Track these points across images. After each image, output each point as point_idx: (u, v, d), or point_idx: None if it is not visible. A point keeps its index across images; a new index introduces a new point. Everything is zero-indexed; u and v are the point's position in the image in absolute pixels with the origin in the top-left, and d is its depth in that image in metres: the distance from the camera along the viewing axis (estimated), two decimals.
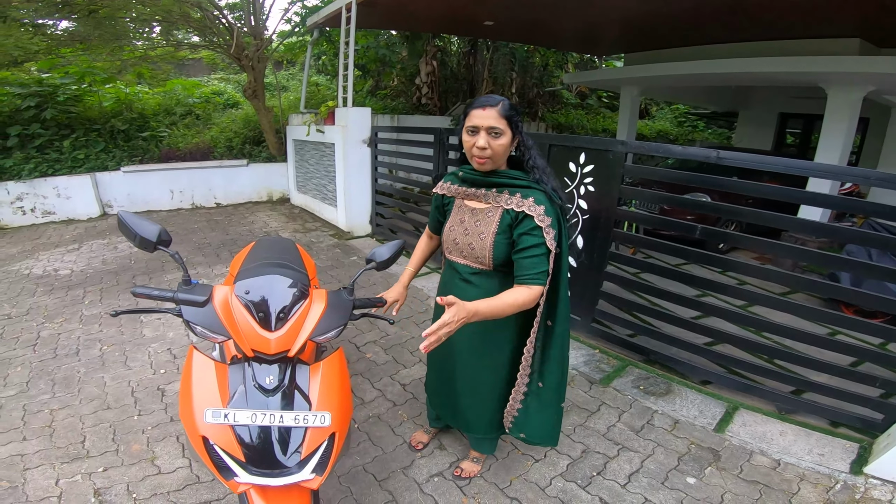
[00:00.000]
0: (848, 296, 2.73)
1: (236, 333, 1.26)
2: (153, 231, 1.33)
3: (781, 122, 8.97)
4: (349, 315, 1.42)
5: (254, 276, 1.34)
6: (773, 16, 4.92)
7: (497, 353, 1.71)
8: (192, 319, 1.27)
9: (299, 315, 1.30)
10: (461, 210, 1.63)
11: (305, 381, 1.30)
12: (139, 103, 7.76)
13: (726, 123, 13.17)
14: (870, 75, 4.62)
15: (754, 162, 2.44)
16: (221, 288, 1.34)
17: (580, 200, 3.08)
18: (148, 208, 6.94)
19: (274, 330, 1.26)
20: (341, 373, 1.37)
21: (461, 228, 1.60)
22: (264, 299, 1.28)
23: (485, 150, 1.45)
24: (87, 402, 2.47)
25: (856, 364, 2.86)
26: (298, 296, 1.33)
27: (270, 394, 1.24)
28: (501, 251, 1.52)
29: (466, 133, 1.49)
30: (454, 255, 1.66)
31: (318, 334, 1.33)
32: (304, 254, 2.33)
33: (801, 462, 2.17)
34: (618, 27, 6.52)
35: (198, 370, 1.26)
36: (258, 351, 1.26)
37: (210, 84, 10.20)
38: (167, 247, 1.36)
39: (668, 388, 2.75)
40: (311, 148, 6.49)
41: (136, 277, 4.27)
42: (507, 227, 1.52)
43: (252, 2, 6.98)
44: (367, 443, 2.23)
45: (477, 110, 1.45)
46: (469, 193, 1.61)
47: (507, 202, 1.52)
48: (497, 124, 1.43)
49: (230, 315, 1.27)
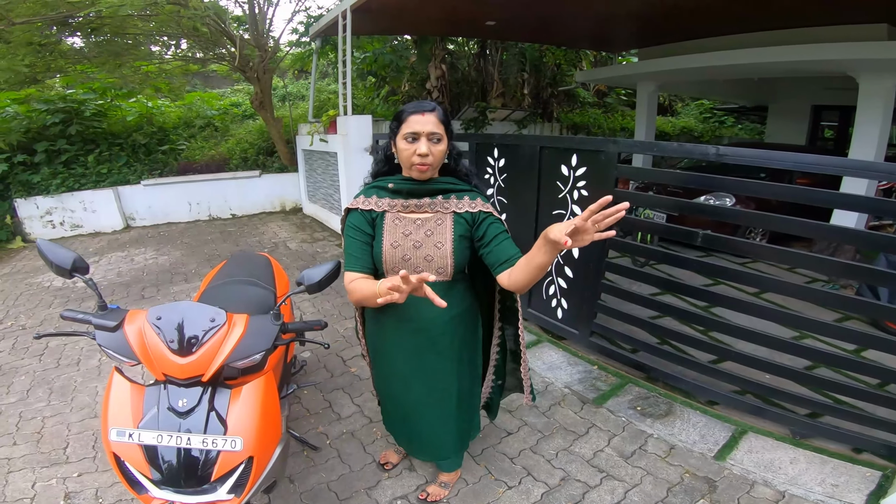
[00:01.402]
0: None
1: (146, 358, 1.28)
2: (67, 259, 1.34)
3: (815, 114, 8.38)
4: (273, 340, 1.38)
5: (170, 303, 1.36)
6: (796, 1, 4.56)
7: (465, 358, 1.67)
8: (103, 343, 1.30)
9: (214, 340, 1.29)
10: (400, 223, 1.50)
11: (224, 405, 1.30)
12: (160, 117, 8.03)
13: (759, 118, 12.50)
14: None
15: (757, 158, 2.20)
16: (136, 313, 1.36)
17: (574, 206, 2.90)
18: (168, 220, 7.16)
19: (186, 355, 1.26)
20: (265, 397, 1.35)
21: (408, 242, 1.48)
22: (178, 325, 1.29)
23: (427, 156, 1.38)
24: (77, 410, 2.56)
25: (882, 385, 2.55)
26: (214, 322, 1.32)
27: (184, 416, 1.25)
28: (462, 255, 1.48)
29: (403, 140, 1.40)
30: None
31: (236, 359, 1.32)
32: (279, 270, 2.35)
33: (810, 494, 1.93)
34: (628, 21, 6.23)
35: (115, 391, 1.31)
36: (170, 375, 1.27)
37: (229, 95, 10.48)
38: (84, 274, 1.37)
39: (669, 409, 2.53)
40: (318, 157, 6.53)
41: (145, 289, 4.38)
42: (464, 230, 1.47)
43: (254, 13, 7.08)
44: (336, 459, 2.16)
45: (415, 116, 1.38)
46: (408, 205, 1.50)
47: (458, 206, 1.48)
48: (437, 129, 1.38)
49: (141, 340, 1.29)
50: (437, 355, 1.59)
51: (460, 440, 1.81)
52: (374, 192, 1.54)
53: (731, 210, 2.76)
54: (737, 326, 2.43)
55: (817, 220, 2.18)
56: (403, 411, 1.73)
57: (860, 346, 2.92)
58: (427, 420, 1.69)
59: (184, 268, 5.01)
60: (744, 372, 2.48)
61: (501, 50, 8.67)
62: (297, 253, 5.45)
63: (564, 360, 3.01)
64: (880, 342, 2.12)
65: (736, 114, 12.66)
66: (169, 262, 5.22)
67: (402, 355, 1.60)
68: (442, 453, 1.81)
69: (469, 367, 1.70)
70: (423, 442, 1.77)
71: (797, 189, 2.19)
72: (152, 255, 5.55)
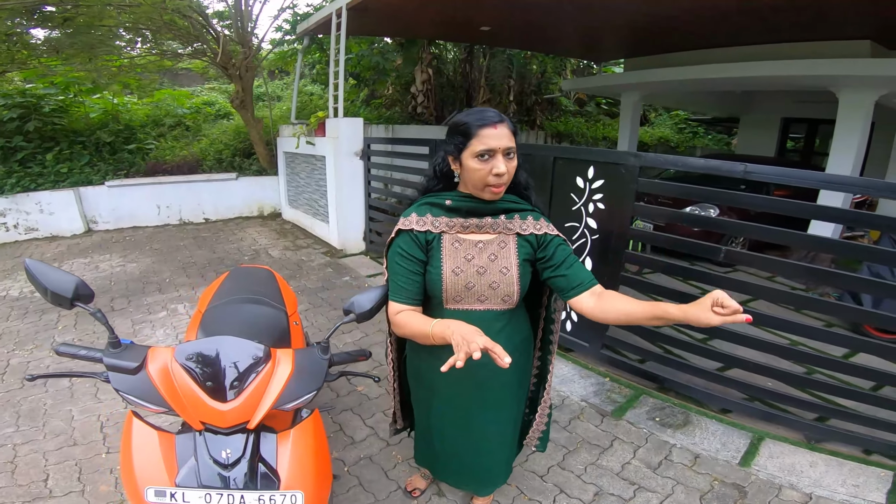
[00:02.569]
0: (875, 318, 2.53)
1: (179, 405, 1.08)
2: (68, 285, 1.09)
3: (784, 126, 8.80)
4: (324, 377, 1.22)
5: (205, 336, 1.17)
6: (784, 17, 4.74)
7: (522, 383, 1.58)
8: (121, 388, 1.08)
9: (259, 381, 1.11)
10: (461, 246, 1.33)
11: (272, 452, 1.13)
12: (126, 114, 7.57)
13: (725, 129, 13.04)
14: (883, 78, 4.45)
15: (786, 176, 2.22)
16: (160, 351, 1.15)
17: (589, 219, 2.86)
18: (134, 224, 6.72)
19: (228, 400, 1.07)
20: (317, 441, 1.19)
21: (471, 268, 1.31)
22: (214, 365, 1.09)
23: (503, 176, 1.22)
24: (52, 436, 2.31)
25: (876, 388, 2.67)
26: (258, 358, 1.13)
27: (228, 469, 1.07)
28: (526, 281, 1.36)
29: (475, 159, 1.22)
30: (467, 303, 1.35)
31: (285, 402, 1.14)
32: (284, 284, 2.12)
33: (835, 495, 1.99)
34: (619, 31, 6.35)
35: (138, 440, 1.09)
36: (209, 424, 1.07)
37: (201, 94, 10.03)
38: (87, 302, 1.13)
39: (686, 418, 2.53)
40: (302, 161, 6.29)
41: (114, 300, 4.05)
42: (528, 254, 1.34)
43: (240, 9, 6.80)
44: (358, 488, 2.01)
45: (487, 129, 1.20)
46: (468, 225, 1.34)
47: (523, 227, 1.35)
48: (511, 144, 1.23)
49: (171, 383, 1.09)
50: (500, 387, 1.47)
51: (510, 466, 1.72)
52: (427, 209, 1.36)
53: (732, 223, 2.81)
54: (736, 333, 2.47)
55: (796, 230, 2.30)
56: (458, 447, 1.57)
57: (851, 351, 3.06)
58: (486, 453, 1.57)
59: (156, 276, 4.68)
60: (750, 378, 2.54)
61: (489, 56, 8.66)
62: (280, 261, 5.20)
63: (576, 373, 2.97)
64: (871, 346, 2.24)
65: (705, 125, 13.17)
66: (139, 270, 4.86)
67: (464, 390, 1.45)
68: (496, 482, 1.70)
69: (523, 393, 1.61)
70: (479, 474, 1.64)
71: (791, 203, 2.28)
72: (119, 261, 5.16)
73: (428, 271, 1.34)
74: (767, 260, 2.39)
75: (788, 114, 8.47)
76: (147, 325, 3.56)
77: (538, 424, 1.68)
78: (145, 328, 3.51)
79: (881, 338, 3.27)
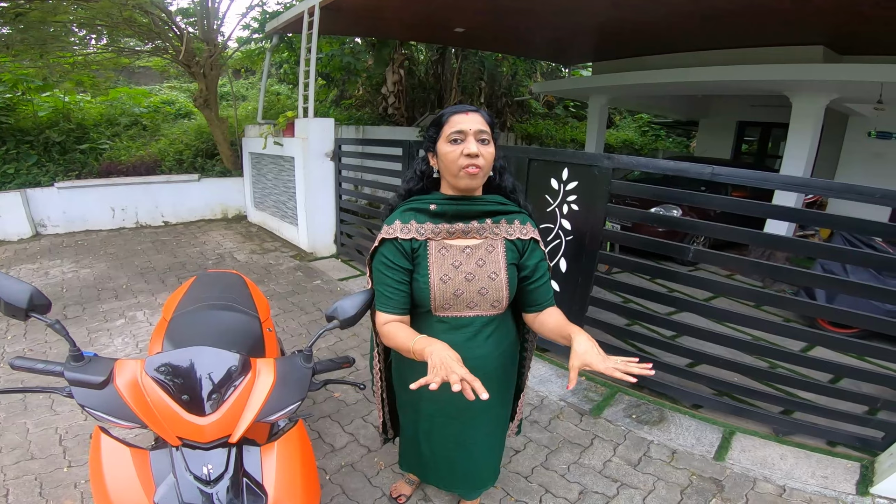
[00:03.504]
0: (829, 313, 2.67)
1: (152, 420, 1.00)
2: (22, 294, 0.99)
3: (740, 130, 9.22)
4: (308, 386, 1.16)
5: (175, 348, 1.09)
6: (744, 23, 4.95)
7: (509, 386, 1.59)
8: (87, 404, 1.00)
9: (240, 393, 1.05)
10: (448, 253, 1.30)
11: (257, 466, 1.07)
12: (79, 113, 7.16)
13: (684, 132, 13.56)
14: (834, 83, 4.72)
15: (751, 179, 2.31)
16: (128, 363, 1.07)
17: (563, 220, 2.89)
18: (86, 228, 6.35)
19: (206, 414, 1.00)
20: (303, 453, 1.14)
21: (459, 275, 1.28)
22: (189, 377, 1.02)
23: (477, 156, 1.20)
24: (7, 451, 2.18)
25: (834, 381, 2.82)
26: (236, 368, 1.07)
27: (211, 485, 1.00)
28: (514, 287, 1.34)
29: (447, 143, 1.22)
30: (455, 311, 1.32)
31: (268, 414, 1.08)
32: (255, 290, 2.02)
33: (807, 486, 2.07)
34: (590, 35, 6.49)
35: (109, 458, 1.01)
36: (187, 439, 1.00)
37: (161, 93, 9.62)
38: (44, 313, 1.03)
39: (661, 415, 2.59)
40: (269, 162, 6.11)
41: (67, 308, 3.80)
42: (514, 258, 1.33)
43: (205, 6, 6.55)
44: (342, 497, 1.95)
45: (458, 115, 1.23)
46: (454, 230, 1.30)
47: (510, 232, 1.33)
48: (484, 128, 1.22)
49: (142, 398, 1.01)
50: (489, 392, 1.45)
51: (498, 466, 1.70)
52: (411, 215, 1.31)
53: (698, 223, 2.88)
54: (703, 330, 2.57)
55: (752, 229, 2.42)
56: (448, 451, 1.54)
57: (808, 345, 3.22)
58: (476, 456, 1.55)
59: (112, 282, 4.42)
60: (718, 374, 2.63)
61: (461, 57, 8.67)
62: (247, 265, 5.02)
63: (553, 373, 2.99)
64: (826, 340, 2.34)
65: (667, 128, 13.66)
66: (93, 276, 4.58)
67: (451, 395, 1.42)
68: (486, 483, 1.69)
69: (510, 394, 1.60)
70: (470, 477, 1.61)
71: (750, 203, 2.39)
72: (71, 267, 4.86)
73: (415, 279, 1.30)
74: (728, 258, 2.47)
75: (743, 117, 8.88)
76: (104, 334, 3.36)
77: (517, 416, 1.73)
78: (102, 337, 3.32)
79: (834, 332, 3.46)
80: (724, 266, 4.45)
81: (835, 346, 2.46)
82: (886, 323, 2.16)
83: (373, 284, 1.34)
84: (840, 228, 3.41)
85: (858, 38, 5.17)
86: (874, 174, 6.63)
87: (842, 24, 4.64)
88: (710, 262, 2.77)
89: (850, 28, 4.75)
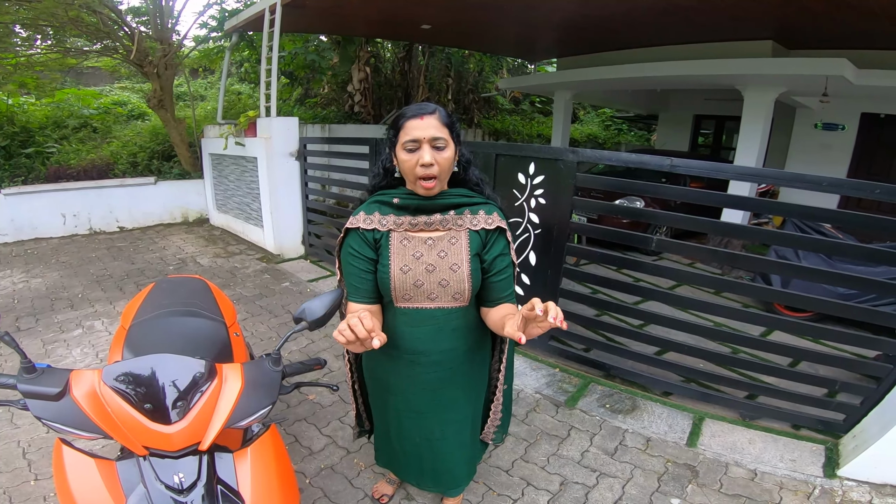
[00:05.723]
0: (783, 298, 2.80)
1: (115, 430, 0.97)
2: None
3: (696, 123, 9.57)
4: (278, 390, 1.13)
5: (135, 357, 1.04)
6: (697, 18, 5.12)
7: (478, 383, 1.57)
8: (44, 416, 0.96)
9: (207, 399, 1.02)
10: (409, 244, 1.31)
11: (230, 473, 1.05)
12: (23, 116, 6.76)
13: (645, 126, 13.96)
14: (783, 77, 4.95)
15: (707, 170, 2.39)
16: (84, 374, 1.03)
17: (531, 214, 2.91)
18: (36, 235, 6.00)
19: (173, 422, 0.98)
20: (278, 457, 1.12)
21: (420, 266, 1.29)
22: (151, 385, 0.99)
23: (431, 166, 1.20)
24: None
25: (793, 364, 2.94)
26: (201, 374, 1.04)
27: (184, 493, 0.98)
28: (478, 279, 1.33)
29: (403, 150, 1.22)
30: (417, 302, 1.33)
31: (238, 420, 1.06)
32: (220, 294, 1.95)
33: (777, 470, 2.14)
34: (553, 31, 6.58)
35: (74, 471, 0.99)
36: (154, 448, 0.98)
37: (111, 94, 9.17)
38: None
39: (634, 403, 2.65)
40: (231, 163, 5.91)
41: (20, 319, 3.59)
42: (478, 248, 1.33)
43: (158, 5, 6.27)
44: (324, 500, 1.93)
45: (413, 120, 1.21)
46: (416, 223, 1.31)
47: (474, 223, 1.33)
48: (439, 134, 1.21)
49: (102, 408, 0.97)
50: (455, 387, 1.46)
51: (472, 466, 1.70)
52: (376, 207, 1.33)
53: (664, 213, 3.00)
54: (668, 318, 2.64)
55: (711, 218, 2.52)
56: (416, 447, 1.55)
57: (767, 329, 3.36)
58: (443, 453, 1.55)
59: (66, 292, 4.19)
60: (684, 360, 2.71)
61: (428, 54, 8.62)
62: (211, 270, 4.85)
63: (527, 366, 3.02)
64: (783, 324, 2.46)
65: (628, 122, 14.03)
66: (45, 286, 4.33)
67: (418, 390, 1.44)
68: (457, 483, 1.68)
69: (480, 391, 1.60)
70: (439, 475, 1.61)
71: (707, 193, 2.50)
72: (21, 277, 4.58)
73: (378, 269, 1.32)
74: (689, 247, 2.55)
75: (700, 111, 9.22)
76: (61, 345, 3.18)
77: (492, 420, 1.69)
78: (59, 348, 3.15)
79: (790, 316, 3.64)
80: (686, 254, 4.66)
81: (791, 330, 2.59)
82: (838, 306, 2.26)
83: (342, 276, 1.36)
84: (791, 216, 3.57)
85: (805, 32, 5.43)
86: (822, 163, 7.01)
87: (789, 19, 4.86)
88: (672, 251, 2.86)
89: (798, 23, 4.98)
